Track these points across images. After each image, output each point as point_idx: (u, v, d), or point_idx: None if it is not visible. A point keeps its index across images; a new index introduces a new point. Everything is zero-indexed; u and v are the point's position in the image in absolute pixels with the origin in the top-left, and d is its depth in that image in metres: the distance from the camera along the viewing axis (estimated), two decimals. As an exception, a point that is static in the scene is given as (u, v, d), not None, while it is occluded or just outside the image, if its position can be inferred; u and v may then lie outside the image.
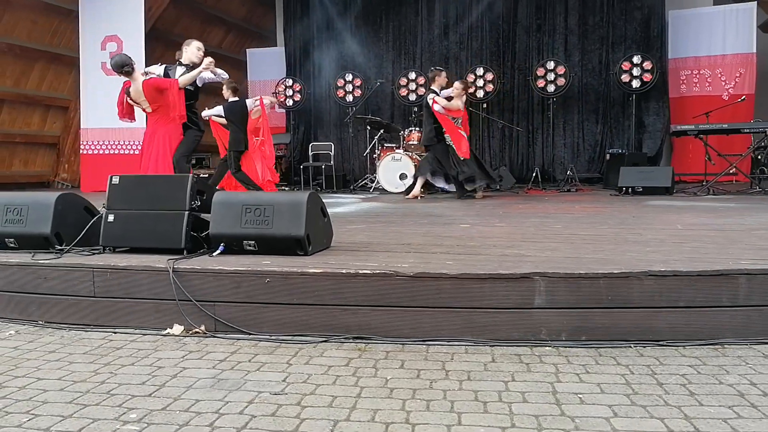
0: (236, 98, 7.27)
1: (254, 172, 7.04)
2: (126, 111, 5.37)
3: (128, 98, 5.26)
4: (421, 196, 7.52)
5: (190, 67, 5.46)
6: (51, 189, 10.66)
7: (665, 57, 10.14)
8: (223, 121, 7.44)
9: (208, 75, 5.50)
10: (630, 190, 7.43)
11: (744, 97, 8.88)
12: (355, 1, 11.52)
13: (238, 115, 7.18)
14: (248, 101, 7.39)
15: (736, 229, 4.02)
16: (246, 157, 7.16)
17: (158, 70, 5.56)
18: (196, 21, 12.69)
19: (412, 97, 10.70)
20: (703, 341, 2.50)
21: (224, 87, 7.14)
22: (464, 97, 7.57)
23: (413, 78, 10.72)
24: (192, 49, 5.50)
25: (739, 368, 2.23)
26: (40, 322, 3.03)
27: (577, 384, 2.12)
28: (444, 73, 7.70)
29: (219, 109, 7.32)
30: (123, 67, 5.12)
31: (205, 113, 7.32)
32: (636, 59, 9.64)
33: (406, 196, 7.62)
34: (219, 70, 5.63)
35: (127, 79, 5.24)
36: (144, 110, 5.28)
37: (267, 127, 7.46)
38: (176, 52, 5.84)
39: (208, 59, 5.41)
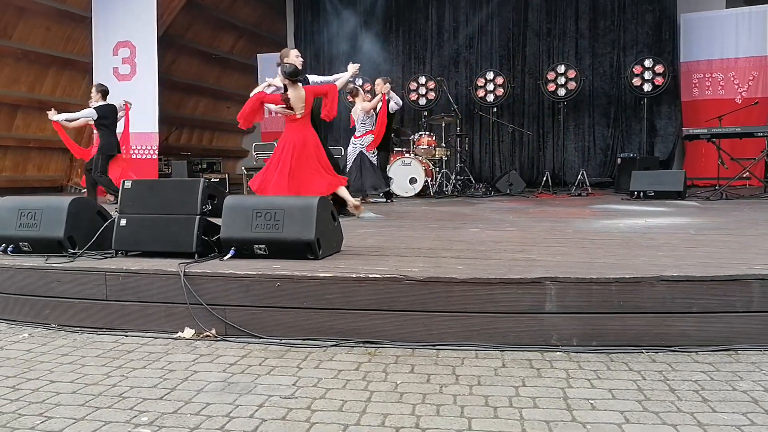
0: (105, 102, 7.47)
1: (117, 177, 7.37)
2: (254, 117, 5.38)
3: (277, 104, 5.31)
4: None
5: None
6: (64, 193, 10.78)
7: (677, 60, 10.09)
8: (81, 123, 7.70)
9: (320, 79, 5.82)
10: (641, 194, 7.38)
11: (757, 101, 8.80)
12: (366, 6, 11.57)
13: (110, 118, 7.40)
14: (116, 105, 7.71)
15: (749, 234, 3.97)
16: (115, 161, 7.51)
17: (277, 80, 5.63)
18: (207, 27, 12.79)
19: (422, 101, 10.71)
20: (717, 347, 2.47)
21: (93, 90, 7.47)
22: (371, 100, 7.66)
23: (423, 82, 10.74)
24: (293, 57, 5.67)
25: (753, 374, 2.21)
26: (53, 325, 3.06)
27: (588, 390, 2.10)
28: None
29: (88, 112, 7.47)
30: (298, 75, 5.27)
31: (60, 117, 7.53)
32: (648, 63, 9.59)
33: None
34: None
35: (262, 90, 5.40)
36: (292, 116, 5.29)
37: (127, 132, 8.02)
38: (276, 62, 5.97)
39: (356, 66, 5.81)
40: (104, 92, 7.48)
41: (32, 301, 3.14)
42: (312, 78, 5.81)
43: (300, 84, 5.27)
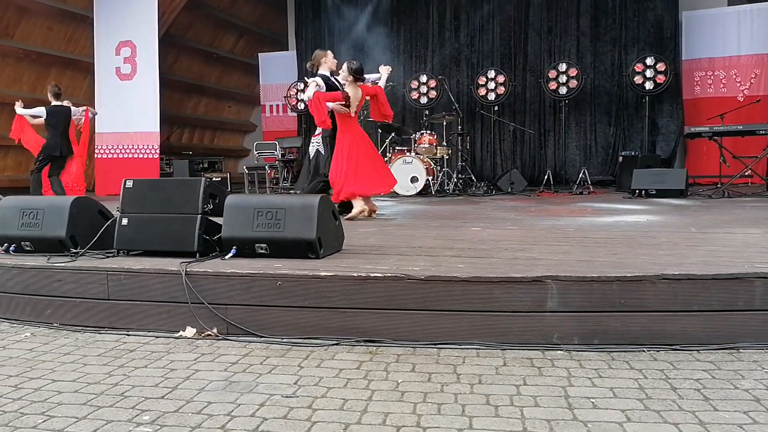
0: (59, 103, 7.51)
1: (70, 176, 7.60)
2: (327, 116, 5.40)
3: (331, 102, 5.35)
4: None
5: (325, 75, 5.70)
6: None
7: (679, 58, 10.06)
8: (39, 122, 7.65)
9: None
10: (643, 192, 7.37)
11: (759, 99, 8.77)
12: (367, 4, 11.56)
13: (57, 119, 7.41)
14: (74, 109, 7.73)
15: (751, 232, 3.97)
16: (69, 161, 7.67)
17: (320, 81, 5.63)
18: (208, 26, 12.80)
19: (423, 100, 10.70)
20: (718, 345, 2.47)
21: (48, 90, 7.54)
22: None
23: (424, 81, 10.72)
24: (330, 59, 5.83)
25: (754, 373, 2.20)
26: (55, 325, 3.07)
27: (589, 388, 2.10)
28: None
29: (39, 110, 7.52)
30: (362, 73, 5.42)
31: (23, 111, 7.62)
32: (649, 61, 9.57)
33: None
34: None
35: (316, 90, 5.40)
36: (346, 114, 5.34)
37: (87, 137, 8.07)
38: (307, 63, 6.09)
39: (388, 68, 5.82)
40: (56, 94, 7.57)
41: (34, 301, 3.15)
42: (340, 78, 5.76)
43: (358, 83, 5.37)
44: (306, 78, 6.67)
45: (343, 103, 5.26)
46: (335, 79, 5.67)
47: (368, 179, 5.31)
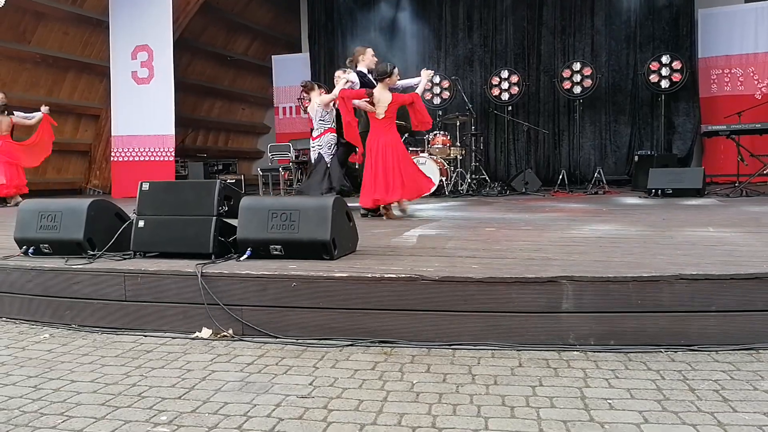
0: None
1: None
2: (353, 115, 5.49)
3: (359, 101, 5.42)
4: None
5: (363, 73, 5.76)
6: (83, 196, 10.92)
7: (695, 56, 9.95)
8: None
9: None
10: (659, 192, 7.30)
11: (777, 96, 8.66)
12: (379, 6, 11.58)
13: None
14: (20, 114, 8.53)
15: (770, 232, 3.91)
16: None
17: (352, 76, 5.71)
18: (222, 29, 12.90)
19: (437, 101, 10.69)
20: (737, 346, 2.44)
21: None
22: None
23: (437, 82, 10.71)
24: (368, 56, 5.81)
25: (775, 374, 2.17)
26: (74, 326, 3.11)
27: (606, 389, 2.08)
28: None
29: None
30: (386, 75, 5.35)
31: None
32: (665, 59, 9.48)
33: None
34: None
35: (342, 87, 5.51)
36: (373, 114, 5.37)
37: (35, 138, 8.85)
38: (348, 59, 6.05)
39: (430, 72, 5.78)
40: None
41: (53, 302, 3.19)
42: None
43: (389, 88, 5.32)
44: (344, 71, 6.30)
45: (368, 99, 5.24)
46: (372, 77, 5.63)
47: (389, 187, 5.27)
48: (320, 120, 6.46)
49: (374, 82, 5.51)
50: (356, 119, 5.47)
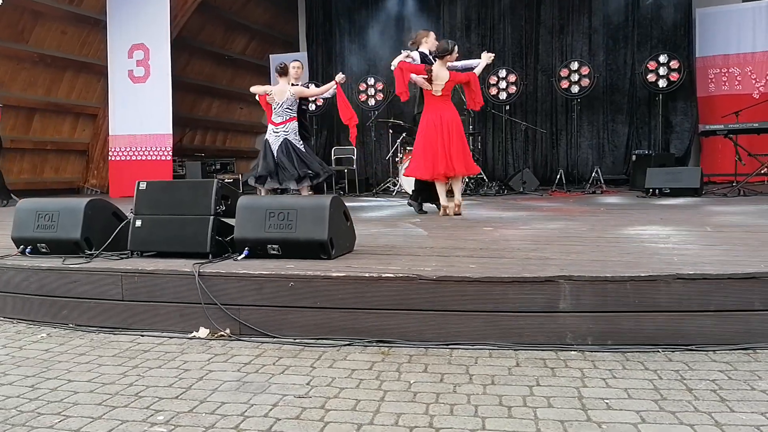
0: None
1: None
2: (406, 86, 5.58)
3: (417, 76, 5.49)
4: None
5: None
6: (81, 195, 10.91)
7: (693, 55, 9.96)
8: None
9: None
10: (657, 191, 7.30)
11: (775, 96, 8.67)
12: (377, 5, 11.56)
13: None
14: None
15: (767, 231, 3.92)
16: None
17: (415, 55, 5.79)
18: (220, 28, 12.87)
19: (435, 100, 10.67)
20: (735, 346, 2.44)
21: None
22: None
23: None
24: (431, 39, 5.90)
25: (772, 374, 2.17)
26: (71, 325, 3.10)
27: (603, 389, 2.09)
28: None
29: None
30: (446, 53, 5.44)
31: None
32: (662, 58, 9.48)
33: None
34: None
35: (403, 59, 5.57)
36: (429, 92, 5.48)
37: None
38: (409, 41, 6.13)
39: (491, 55, 5.85)
40: None
41: (50, 302, 3.19)
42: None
43: (446, 66, 5.43)
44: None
45: (426, 77, 5.36)
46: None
47: (452, 160, 5.39)
48: (288, 108, 6.59)
49: (432, 63, 5.62)
50: (408, 92, 5.60)
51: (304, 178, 6.38)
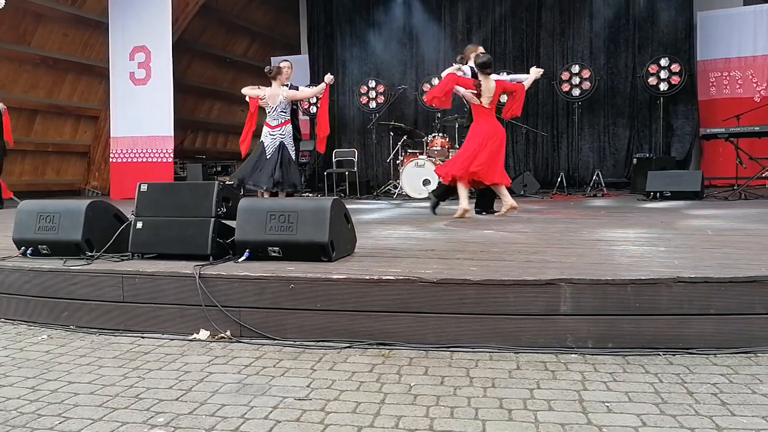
0: None
1: None
2: (447, 99, 5.70)
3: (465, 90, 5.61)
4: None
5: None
6: (82, 197, 10.91)
7: (694, 59, 9.97)
8: None
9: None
10: (658, 194, 7.30)
11: (776, 99, 8.67)
12: (378, 8, 11.59)
13: None
14: None
15: (768, 235, 3.91)
16: None
17: (465, 69, 5.87)
18: (221, 31, 12.90)
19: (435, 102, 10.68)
20: (736, 349, 2.44)
21: None
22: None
23: (436, 84, 10.71)
24: (480, 53, 5.94)
25: (773, 377, 2.17)
26: (71, 327, 3.10)
27: (604, 392, 2.08)
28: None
29: None
30: (490, 67, 5.54)
31: None
32: (663, 62, 9.50)
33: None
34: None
35: (454, 72, 5.65)
36: (478, 105, 5.59)
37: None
38: (459, 56, 6.20)
39: (540, 70, 6.03)
40: None
41: (51, 303, 3.19)
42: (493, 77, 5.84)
43: (491, 77, 5.51)
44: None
45: (475, 91, 5.48)
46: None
47: (491, 168, 5.52)
48: (282, 111, 6.63)
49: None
50: (441, 101, 5.69)
51: (283, 186, 6.50)
